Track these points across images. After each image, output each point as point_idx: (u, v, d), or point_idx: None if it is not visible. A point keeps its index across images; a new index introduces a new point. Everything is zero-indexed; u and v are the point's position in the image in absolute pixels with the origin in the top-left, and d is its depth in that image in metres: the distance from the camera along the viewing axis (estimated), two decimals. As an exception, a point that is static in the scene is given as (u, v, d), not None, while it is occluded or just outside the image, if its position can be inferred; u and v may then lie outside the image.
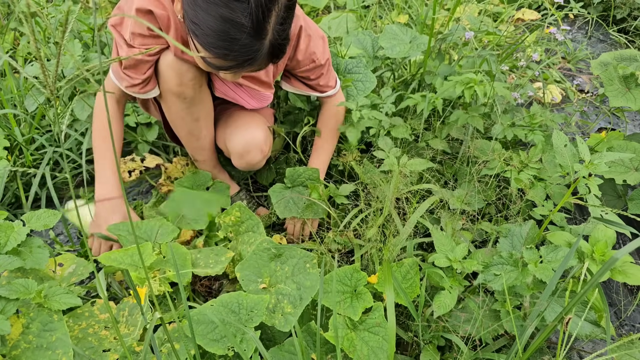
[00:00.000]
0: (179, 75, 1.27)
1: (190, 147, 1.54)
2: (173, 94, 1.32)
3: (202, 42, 1.06)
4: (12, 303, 0.93)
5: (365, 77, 1.67)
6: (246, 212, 1.35)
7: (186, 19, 1.09)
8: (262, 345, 0.93)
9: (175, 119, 1.43)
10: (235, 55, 1.07)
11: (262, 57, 1.10)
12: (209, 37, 1.04)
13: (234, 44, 1.04)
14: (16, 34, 2.36)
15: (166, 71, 1.27)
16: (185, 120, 1.42)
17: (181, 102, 1.35)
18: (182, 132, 1.48)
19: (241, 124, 1.48)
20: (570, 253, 1.00)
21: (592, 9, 2.98)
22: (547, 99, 2.10)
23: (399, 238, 1.26)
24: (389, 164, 1.33)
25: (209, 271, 1.17)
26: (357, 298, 1.12)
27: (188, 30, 1.10)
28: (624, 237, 1.60)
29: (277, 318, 1.06)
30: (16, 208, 1.73)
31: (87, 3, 0.54)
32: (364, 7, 2.53)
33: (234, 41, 1.04)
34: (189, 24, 1.07)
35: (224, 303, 1.06)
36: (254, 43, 1.05)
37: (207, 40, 1.05)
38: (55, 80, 0.59)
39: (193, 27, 1.06)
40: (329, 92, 1.55)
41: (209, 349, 0.99)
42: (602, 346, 1.29)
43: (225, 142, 1.51)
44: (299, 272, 1.15)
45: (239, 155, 1.47)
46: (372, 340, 1.06)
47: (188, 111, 1.39)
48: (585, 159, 1.13)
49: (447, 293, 1.11)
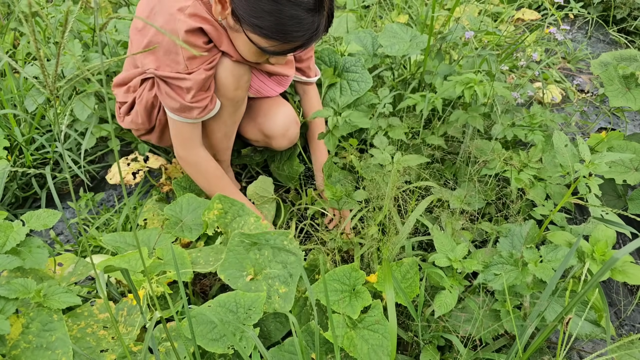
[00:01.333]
0: (238, 78, 1.32)
1: (219, 148, 1.55)
2: (227, 99, 1.36)
3: (267, 33, 1.13)
4: (12, 303, 0.93)
5: (362, 77, 1.69)
6: (227, 200, 1.33)
7: (240, 18, 1.14)
8: (261, 343, 0.93)
9: (216, 124, 1.44)
10: (302, 35, 1.14)
11: (322, 30, 1.18)
12: (276, 25, 1.11)
13: (301, 25, 1.12)
14: (16, 34, 2.36)
15: (227, 77, 1.31)
16: (226, 124, 1.45)
17: (231, 106, 1.39)
18: (218, 134, 1.48)
19: (268, 108, 1.54)
20: (570, 253, 1.00)
21: (592, 9, 2.98)
22: (547, 99, 2.10)
23: (399, 237, 1.26)
24: (381, 159, 1.33)
25: (209, 268, 1.17)
26: (356, 297, 1.12)
27: (242, 27, 1.16)
28: (624, 237, 1.60)
29: (275, 302, 1.07)
30: (16, 208, 1.73)
31: (89, 3, 0.54)
32: (364, 7, 2.53)
33: (301, 22, 1.11)
34: (248, 20, 1.13)
35: (222, 303, 1.06)
36: (316, 18, 1.13)
37: (275, 29, 1.12)
38: (55, 80, 0.59)
39: (255, 21, 1.12)
40: (314, 78, 1.60)
41: (209, 348, 0.99)
42: (602, 346, 1.29)
43: (262, 131, 1.55)
44: (279, 252, 1.15)
45: (282, 135, 1.54)
46: (372, 339, 1.06)
47: (234, 114, 1.43)
48: (585, 159, 1.13)
49: (448, 293, 1.11)
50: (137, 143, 1.77)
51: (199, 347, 1.08)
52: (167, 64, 1.22)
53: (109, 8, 2.27)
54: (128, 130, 1.75)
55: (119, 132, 1.79)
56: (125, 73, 1.46)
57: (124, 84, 1.47)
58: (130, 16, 0.56)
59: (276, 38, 1.15)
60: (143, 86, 1.41)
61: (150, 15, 1.24)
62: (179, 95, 1.27)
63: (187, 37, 1.17)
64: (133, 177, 1.62)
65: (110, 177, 1.60)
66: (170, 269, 1.14)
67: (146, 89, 1.40)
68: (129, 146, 1.83)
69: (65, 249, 1.52)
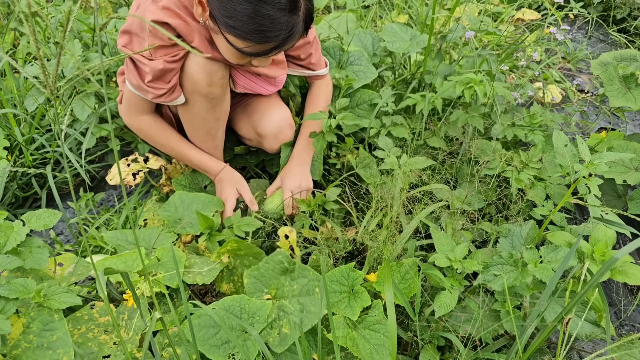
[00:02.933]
0: (210, 75, 1.31)
1: (205, 147, 1.55)
2: (201, 95, 1.35)
3: (241, 33, 1.13)
4: (12, 302, 0.93)
5: (367, 68, 1.70)
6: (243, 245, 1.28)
7: (216, 19, 1.15)
8: (265, 347, 0.93)
9: (196, 120, 1.44)
10: (277, 36, 1.14)
11: (299, 31, 1.17)
12: (249, 25, 1.11)
13: (274, 25, 1.12)
14: (16, 34, 2.36)
15: (197, 73, 1.30)
16: (206, 121, 1.44)
17: (207, 103, 1.38)
18: (199, 132, 1.49)
19: (264, 108, 1.54)
20: (570, 253, 1.00)
21: (592, 9, 2.98)
22: (547, 99, 2.10)
23: (401, 238, 1.26)
24: (389, 163, 1.33)
25: (197, 279, 1.17)
26: (355, 297, 1.12)
27: (219, 28, 1.16)
28: (624, 237, 1.60)
29: (273, 335, 1.04)
30: (16, 208, 1.73)
31: (88, 3, 0.54)
32: (364, 7, 2.53)
33: (274, 22, 1.11)
34: (222, 21, 1.14)
35: (227, 306, 1.05)
36: (292, 18, 1.13)
37: (247, 29, 1.12)
38: (56, 80, 0.59)
39: (229, 22, 1.12)
40: (320, 70, 1.58)
41: (209, 355, 0.98)
42: (602, 346, 1.29)
43: (255, 129, 1.55)
44: (307, 294, 1.11)
45: (274, 137, 1.54)
46: (374, 338, 1.06)
47: (212, 111, 1.42)
48: (585, 159, 1.13)
49: (448, 293, 1.11)
50: (137, 143, 1.77)
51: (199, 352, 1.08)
52: (135, 43, 1.27)
53: (109, 8, 2.27)
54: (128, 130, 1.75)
55: (118, 132, 1.79)
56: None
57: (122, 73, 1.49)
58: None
59: (250, 39, 1.14)
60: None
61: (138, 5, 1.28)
62: (139, 75, 1.30)
63: (151, 28, 1.19)
64: (133, 178, 1.61)
65: (110, 178, 1.60)
66: (164, 270, 1.14)
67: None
68: (129, 146, 1.83)
69: (65, 249, 1.52)
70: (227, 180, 1.53)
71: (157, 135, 1.50)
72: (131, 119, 1.47)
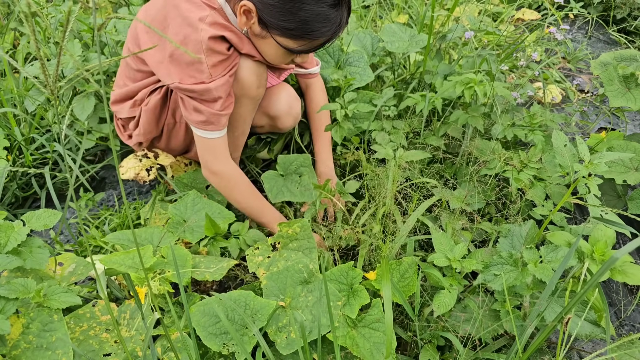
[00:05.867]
0: (259, 77, 1.36)
1: (234, 145, 1.55)
2: (249, 98, 1.38)
3: (296, 34, 1.20)
4: (12, 302, 0.93)
5: (364, 71, 1.72)
6: (307, 231, 1.29)
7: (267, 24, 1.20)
8: (265, 342, 0.93)
9: (237, 122, 1.45)
10: (329, 30, 1.20)
11: (345, 22, 1.24)
12: (305, 24, 1.17)
13: (327, 21, 1.19)
14: (16, 34, 2.36)
15: (249, 77, 1.33)
16: (246, 121, 1.48)
17: (252, 104, 1.42)
18: (235, 132, 1.50)
19: (270, 91, 1.58)
20: (570, 253, 1.00)
21: (592, 9, 2.98)
22: (547, 99, 2.10)
23: (399, 235, 1.26)
24: (384, 153, 1.34)
25: (207, 276, 1.17)
26: (354, 296, 1.12)
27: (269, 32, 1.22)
28: (624, 237, 1.60)
29: (281, 337, 1.04)
30: (16, 208, 1.73)
31: (87, 3, 0.54)
32: (364, 7, 2.53)
33: (326, 17, 1.18)
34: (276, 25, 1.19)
35: (233, 299, 1.06)
36: (339, 13, 1.20)
37: (303, 28, 1.18)
38: (56, 80, 0.59)
39: (284, 24, 1.18)
40: (312, 69, 1.62)
41: (206, 342, 0.99)
42: (602, 346, 1.29)
43: (267, 113, 1.58)
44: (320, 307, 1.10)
45: (287, 113, 1.58)
46: (374, 337, 1.06)
47: (253, 112, 1.46)
48: (585, 159, 1.13)
49: (447, 292, 1.11)
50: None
51: (199, 349, 1.08)
52: (190, 74, 1.23)
53: (108, 8, 2.27)
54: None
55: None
56: (126, 88, 1.44)
57: (128, 99, 1.45)
58: (130, 17, 0.56)
59: (305, 37, 1.21)
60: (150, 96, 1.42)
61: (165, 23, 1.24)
62: (207, 106, 1.27)
63: (210, 44, 1.19)
64: (147, 173, 1.59)
65: (123, 172, 1.58)
66: (171, 268, 1.14)
67: (153, 95, 1.41)
68: (129, 146, 1.83)
69: (65, 249, 1.52)
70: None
71: (248, 185, 1.43)
72: (225, 168, 1.40)
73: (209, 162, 1.39)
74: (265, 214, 1.46)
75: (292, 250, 1.28)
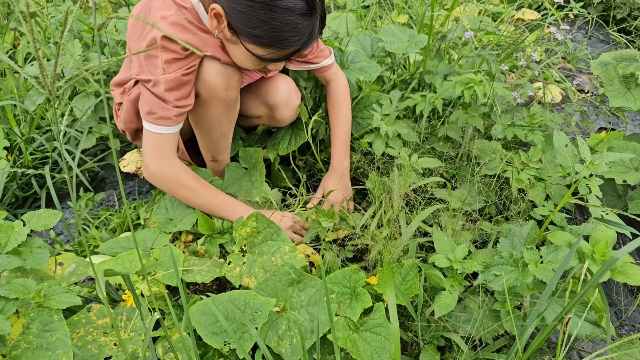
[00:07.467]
0: (227, 79, 1.33)
1: (217, 148, 1.55)
2: (219, 100, 1.36)
3: (264, 42, 1.17)
4: (12, 303, 0.93)
5: (369, 63, 1.71)
6: (263, 220, 1.27)
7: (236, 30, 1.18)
8: (263, 343, 0.93)
9: (212, 124, 1.45)
10: (299, 39, 1.17)
11: (317, 33, 1.21)
12: (272, 33, 1.15)
13: (297, 30, 1.16)
14: (16, 34, 2.36)
15: (215, 79, 1.31)
16: (222, 124, 1.46)
17: (224, 107, 1.40)
18: (213, 135, 1.49)
19: (268, 82, 1.58)
20: (570, 253, 1.00)
21: (592, 9, 2.98)
22: (547, 99, 2.10)
23: (400, 239, 1.26)
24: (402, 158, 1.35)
25: (197, 278, 1.17)
26: (356, 299, 1.12)
27: (239, 39, 1.20)
28: (624, 237, 1.60)
29: (284, 346, 1.04)
30: (16, 208, 1.73)
31: (87, 3, 0.54)
32: (364, 7, 2.53)
33: (296, 27, 1.15)
34: (244, 31, 1.16)
35: (232, 299, 1.06)
36: (311, 22, 1.17)
37: (271, 37, 1.15)
38: (54, 80, 0.59)
39: (252, 32, 1.15)
40: (324, 61, 1.59)
41: (207, 340, 0.99)
42: (602, 346, 1.29)
43: (266, 102, 1.58)
44: (315, 304, 1.10)
45: (285, 103, 1.56)
46: (375, 341, 1.06)
47: (228, 114, 1.44)
48: (586, 159, 1.13)
49: (448, 293, 1.11)
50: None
51: (199, 348, 1.08)
52: (147, 69, 1.26)
53: (108, 8, 2.27)
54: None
55: (118, 131, 1.79)
56: (123, 75, 1.47)
57: (121, 85, 1.48)
58: (129, 16, 0.56)
59: (274, 45, 1.18)
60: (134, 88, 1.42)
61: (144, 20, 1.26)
62: (157, 98, 1.27)
63: (163, 43, 1.20)
64: None
65: (125, 166, 1.58)
66: (163, 269, 1.14)
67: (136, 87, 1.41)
68: (129, 146, 1.83)
69: (65, 249, 1.52)
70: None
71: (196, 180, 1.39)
72: (166, 167, 1.35)
73: (151, 160, 1.34)
74: (222, 207, 1.39)
75: (261, 243, 1.27)
